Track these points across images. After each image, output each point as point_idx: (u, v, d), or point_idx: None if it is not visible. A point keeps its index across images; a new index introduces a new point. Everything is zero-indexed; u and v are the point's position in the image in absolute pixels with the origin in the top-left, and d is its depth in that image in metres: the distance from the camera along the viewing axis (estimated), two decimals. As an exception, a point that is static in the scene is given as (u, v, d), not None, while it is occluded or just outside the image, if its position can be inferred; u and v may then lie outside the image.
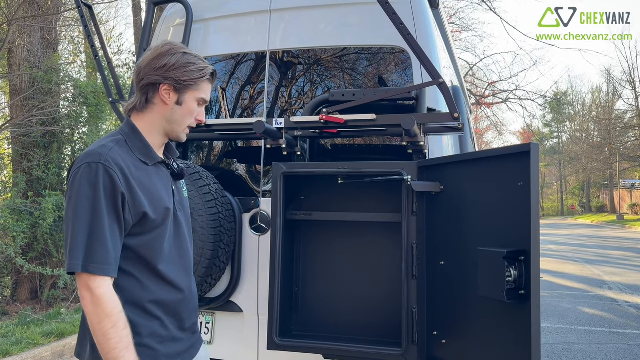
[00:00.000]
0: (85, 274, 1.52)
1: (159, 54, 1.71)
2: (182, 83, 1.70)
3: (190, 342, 1.85)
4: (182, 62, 1.70)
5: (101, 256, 1.54)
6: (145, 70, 1.70)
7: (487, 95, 26.17)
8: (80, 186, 1.55)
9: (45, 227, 7.14)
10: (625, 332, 6.78)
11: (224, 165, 3.42)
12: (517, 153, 1.96)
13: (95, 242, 1.53)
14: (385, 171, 2.47)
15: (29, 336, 5.61)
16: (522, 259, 1.90)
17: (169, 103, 1.72)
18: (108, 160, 1.57)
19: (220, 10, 3.46)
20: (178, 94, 1.72)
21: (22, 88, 7.84)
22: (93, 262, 1.53)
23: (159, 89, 1.70)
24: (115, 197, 1.57)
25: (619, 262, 14.49)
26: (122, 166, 1.60)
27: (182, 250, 1.81)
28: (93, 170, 1.55)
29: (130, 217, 1.61)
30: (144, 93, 1.72)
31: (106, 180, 1.55)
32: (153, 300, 1.69)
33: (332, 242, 2.75)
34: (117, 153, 1.62)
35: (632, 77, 41.90)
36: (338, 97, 2.78)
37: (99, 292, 1.52)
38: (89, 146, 1.66)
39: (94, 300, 1.52)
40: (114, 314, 1.53)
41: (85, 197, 1.54)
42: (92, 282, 1.52)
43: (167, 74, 1.68)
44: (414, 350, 2.36)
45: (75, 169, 1.59)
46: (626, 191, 46.94)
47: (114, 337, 1.52)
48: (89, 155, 1.59)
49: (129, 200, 1.60)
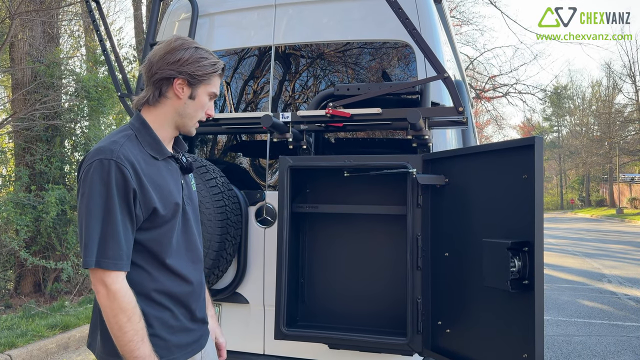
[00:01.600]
0: (100, 270, 1.55)
1: (171, 48, 1.72)
2: (196, 77, 1.72)
3: (201, 332, 1.89)
4: (196, 56, 1.72)
5: (114, 252, 1.56)
6: (158, 65, 1.71)
7: (487, 89, 26.19)
8: (92, 183, 1.57)
9: (49, 221, 7.17)
10: (625, 325, 6.85)
11: (229, 159, 3.46)
12: (522, 146, 2.00)
13: (109, 238, 1.56)
14: (391, 164, 2.51)
15: (33, 328, 5.66)
16: (526, 250, 1.94)
17: (182, 97, 1.74)
18: (120, 157, 1.59)
19: (225, 5, 3.48)
20: (191, 88, 1.74)
21: (24, 82, 7.85)
22: (107, 257, 1.55)
23: (172, 83, 1.71)
24: (127, 193, 1.59)
25: (619, 255, 14.55)
26: (133, 162, 1.61)
27: (190, 243, 1.83)
28: (105, 166, 1.57)
29: (140, 213, 1.63)
30: (157, 87, 1.73)
31: (118, 176, 1.57)
32: (163, 292, 1.71)
33: (338, 234, 2.79)
34: (128, 149, 1.63)
35: (632, 71, 41.95)
36: (343, 92, 2.81)
37: (113, 287, 1.55)
38: (100, 141, 1.67)
39: (109, 295, 1.55)
40: (129, 308, 1.56)
41: (98, 194, 1.56)
42: (107, 278, 1.55)
43: (181, 69, 1.70)
44: (419, 339, 2.41)
45: (87, 165, 1.60)
46: (626, 185, 47.02)
47: (129, 330, 1.55)
48: (101, 151, 1.60)
49: (139, 196, 1.62)
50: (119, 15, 52.85)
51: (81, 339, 5.82)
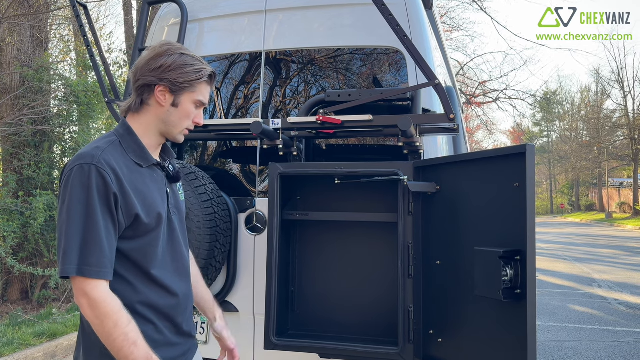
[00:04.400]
0: (80, 278, 1.49)
1: (156, 54, 1.68)
2: (178, 85, 1.67)
3: (187, 347, 1.83)
4: (179, 63, 1.66)
5: (96, 259, 1.51)
6: (142, 71, 1.67)
7: (477, 95, 26.34)
8: (72, 188, 1.53)
9: (36, 227, 7.07)
10: (615, 330, 6.87)
11: (219, 165, 3.42)
12: (513, 154, 1.98)
13: (90, 244, 1.51)
14: (382, 171, 2.49)
15: (20, 337, 5.57)
16: (518, 259, 1.92)
17: (165, 105, 1.69)
18: (100, 162, 1.55)
19: (215, 10, 3.45)
20: (174, 96, 1.68)
21: (12, 87, 7.76)
22: (88, 265, 1.50)
23: (154, 90, 1.67)
24: (108, 198, 1.54)
25: (608, 260, 14.65)
26: (114, 167, 1.57)
27: (176, 254, 1.78)
28: (85, 171, 1.53)
29: (122, 219, 1.58)
30: (139, 94, 1.69)
31: (99, 181, 1.53)
32: (146, 304, 1.65)
33: (329, 242, 2.77)
34: (110, 154, 1.59)
35: (621, 76, 42.28)
36: (334, 98, 2.79)
37: (94, 295, 1.50)
38: (82, 148, 1.63)
39: (90, 304, 1.50)
40: (113, 313, 1.50)
41: (78, 200, 1.52)
42: (87, 286, 1.50)
43: (162, 75, 1.65)
44: (410, 349, 2.38)
45: (68, 171, 1.56)
46: (615, 190, 47.42)
47: (118, 335, 1.50)
48: (82, 157, 1.56)
49: (121, 201, 1.57)
50: (109, 20, 52.51)
51: (69, 347, 5.73)
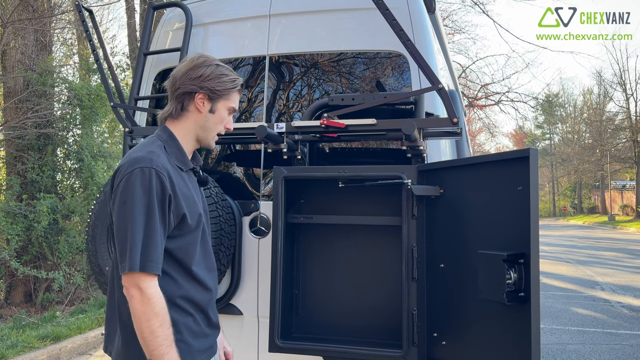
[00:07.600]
0: (136, 274, 1.61)
1: (194, 65, 1.84)
2: (216, 92, 1.84)
3: (215, 338, 1.97)
4: (217, 73, 1.84)
5: (156, 256, 1.65)
6: (181, 80, 1.83)
7: (479, 97, 26.34)
8: (134, 190, 1.65)
9: (40, 230, 7.10)
10: (618, 332, 6.86)
11: (223, 169, 3.44)
12: (517, 158, 1.99)
13: (151, 243, 1.64)
14: (386, 175, 2.50)
15: (24, 339, 5.59)
16: (522, 262, 1.93)
17: (203, 111, 1.85)
18: (158, 165, 1.69)
19: (219, 15, 3.47)
20: (211, 103, 1.86)
21: (16, 90, 7.80)
22: (150, 261, 1.63)
23: (194, 97, 1.84)
24: (164, 200, 1.69)
25: (611, 262, 14.62)
26: (169, 171, 1.72)
27: (207, 251, 1.93)
28: (146, 174, 1.66)
29: (172, 219, 1.73)
30: (179, 101, 1.85)
31: (158, 184, 1.67)
32: (186, 298, 1.79)
33: (333, 245, 2.78)
34: (163, 158, 1.74)
35: (623, 79, 42.23)
36: (337, 102, 2.81)
37: (149, 291, 1.62)
38: (133, 151, 1.76)
39: (143, 299, 1.61)
40: (161, 313, 1.63)
41: (140, 201, 1.64)
42: (143, 282, 1.62)
43: (202, 84, 1.82)
44: (415, 351, 2.39)
45: (127, 173, 1.67)
46: (617, 192, 47.36)
47: (160, 334, 1.61)
48: (140, 160, 1.69)
49: (173, 203, 1.72)
50: (112, 23, 52.81)
51: (72, 350, 5.75)
